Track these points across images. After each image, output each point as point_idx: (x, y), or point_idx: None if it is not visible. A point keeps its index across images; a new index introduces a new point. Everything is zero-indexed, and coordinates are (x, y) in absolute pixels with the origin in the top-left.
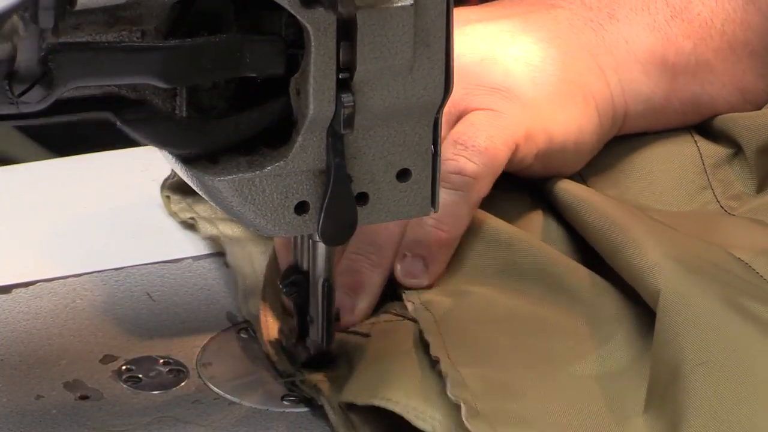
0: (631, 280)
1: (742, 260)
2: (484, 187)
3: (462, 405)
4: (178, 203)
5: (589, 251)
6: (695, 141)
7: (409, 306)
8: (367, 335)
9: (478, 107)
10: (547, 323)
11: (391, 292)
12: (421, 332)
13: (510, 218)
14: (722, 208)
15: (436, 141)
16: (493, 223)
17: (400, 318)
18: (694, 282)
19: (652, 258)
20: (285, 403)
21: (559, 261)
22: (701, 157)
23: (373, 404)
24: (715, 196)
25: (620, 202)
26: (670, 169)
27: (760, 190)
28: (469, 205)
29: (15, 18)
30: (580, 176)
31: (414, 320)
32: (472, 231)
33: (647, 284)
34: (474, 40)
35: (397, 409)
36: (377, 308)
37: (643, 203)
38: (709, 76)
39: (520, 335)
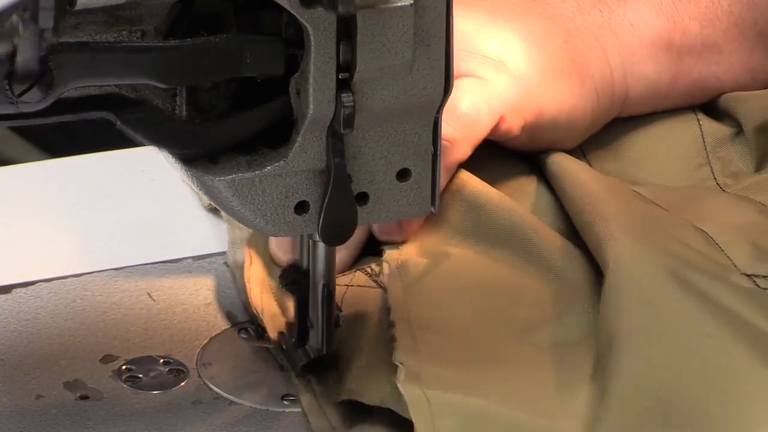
0: (593, 252)
1: (707, 233)
2: (460, 152)
3: (400, 368)
4: None
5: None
6: (698, 119)
7: (385, 268)
8: (338, 309)
9: (468, 74)
10: (514, 292)
11: (372, 247)
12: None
13: (503, 186)
14: (718, 185)
15: (435, 141)
16: (475, 184)
17: (373, 284)
18: (644, 254)
19: (611, 230)
20: (285, 402)
21: (535, 226)
22: (702, 135)
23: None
24: (712, 173)
25: (604, 176)
26: (670, 146)
27: (758, 168)
28: (444, 169)
29: (15, 18)
30: (581, 149)
31: (385, 289)
32: (453, 191)
33: (602, 256)
34: (477, 9)
35: (354, 396)
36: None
37: (641, 178)
38: (717, 57)
39: (485, 304)
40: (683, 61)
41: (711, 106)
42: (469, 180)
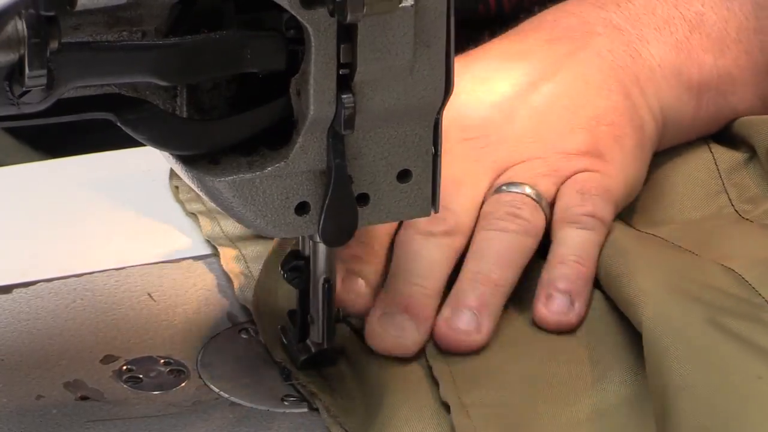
0: (623, 309)
1: (736, 272)
2: (607, 230)
3: None
4: (187, 193)
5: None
6: (709, 147)
7: None
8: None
9: (584, 169)
10: (552, 351)
11: None
12: (430, 367)
13: None
14: (737, 212)
15: (436, 142)
16: None
17: None
18: (678, 305)
19: (641, 285)
20: (285, 403)
21: None
22: (715, 162)
23: None
24: (729, 200)
25: (625, 225)
26: (685, 175)
27: None
28: (599, 245)
29: (15, 18)
30: None
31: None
32: None
33: (633, 313)
34: (530, 101)
35: None
36: None
37: (658, 210)
38: (731, 88)
39: (525, 364)
40: (703, 96)
41: (721, 131)
42: None
